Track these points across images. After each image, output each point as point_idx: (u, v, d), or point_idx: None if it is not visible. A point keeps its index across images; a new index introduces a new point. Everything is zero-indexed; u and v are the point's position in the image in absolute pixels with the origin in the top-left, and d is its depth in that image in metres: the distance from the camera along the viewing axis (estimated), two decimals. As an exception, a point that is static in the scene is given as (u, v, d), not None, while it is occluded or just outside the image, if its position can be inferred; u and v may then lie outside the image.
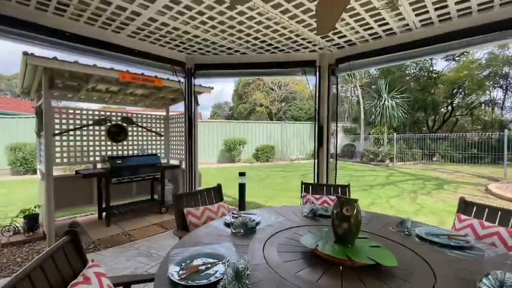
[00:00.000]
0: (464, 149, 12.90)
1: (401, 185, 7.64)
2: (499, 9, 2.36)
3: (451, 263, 1.30)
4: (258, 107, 25.75)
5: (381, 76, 17.01)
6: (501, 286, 1.04)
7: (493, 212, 1.90)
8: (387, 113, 12.31)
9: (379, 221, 1.95)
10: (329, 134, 3.67)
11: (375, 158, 12.56)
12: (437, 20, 2.62)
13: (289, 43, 3.27)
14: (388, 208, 5.46)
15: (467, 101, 19.69)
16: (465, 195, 6.42)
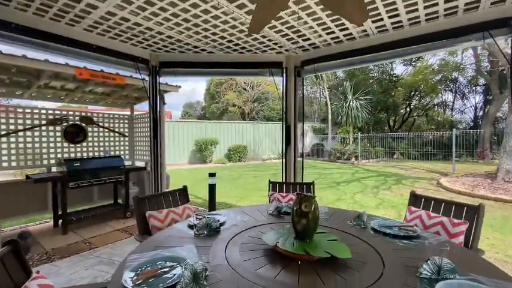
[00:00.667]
0: (421, 146, 14.07)
1: (365, 181, 8.11)
2: (443, 19, 2.61)
3: (399, 251, 1.41)
4: (230, 107, 25.64)
5: (346, 79, 17.90)
6: (439, 270, 1.15)
7: (438, 203, 2.10)
8: (352, 114, 13.00)
9: (339, 216, 2.05)
10: (296, 133, 3.78)
11: (342, 156, 13.19)
12: (391, 28, 2.82)
13: (256, 44, 3.30)
14: (353, 203, 5.76)
15: (423, 103, 21.50)
16: (420, 189, 7.01)
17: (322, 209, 2.26)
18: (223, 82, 27.22)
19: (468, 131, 14.44)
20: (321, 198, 6.24)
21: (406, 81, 17.92)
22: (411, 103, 21.21)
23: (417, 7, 2.39)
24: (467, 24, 2.52)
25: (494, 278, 1.13)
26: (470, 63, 16.59)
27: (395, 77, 19.94)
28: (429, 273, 1.14)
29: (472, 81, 17.09)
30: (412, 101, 21.14)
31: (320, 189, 7.21)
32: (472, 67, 16.38)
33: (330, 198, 6.27)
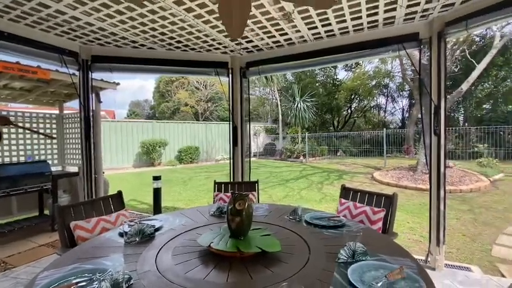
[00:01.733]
0: (360, 144, 15.62)
1: (311, 178, 8.67)
2: (367, 31, 2.94)
3: (325, 240, 1.54)
4: (182, 106, 24.67)
5: (295, 81, 18.87)
6: (353, 254, 1.29)
7: (363, 195, 2.36)
8: (300, 115, 13.76)
9: (278, 212, 2.15)
10: (243, 134, 3.83)
11: (292, 155, 13.85)
12: (325, 36, 3.07)
13: (199, 42, 3.24)
14: (299, 199, 6.09)
15: (362, 105, 23.95)
16: (358, 182, 7.77)
17: (263, 206, 2.35)
18: (174, 80, 26.05)
19: (397, 130, 16.55)
20: (270, 195, 6.46)
21: (347, 86, 19.69)
22: (352, 105, 23.43)
23: (345, 18, 2.64)
24: (386, 36, 2.88)
25: (396, 256, 1.32)
26: (398, 71, 19.05)
27: (338, 81, 21.76)
28: (345, 258, 1.27)
29: (399, 87, 19.61)
30: (352, 103, 23.35)
31: (270, 187, 7.45)
32: (399, 74, 18.85)
33: (278, 195, 6.51)
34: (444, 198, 2.68)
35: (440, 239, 2.66)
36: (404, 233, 3.96)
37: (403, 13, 2.55)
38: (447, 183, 6.64)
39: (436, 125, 2.65)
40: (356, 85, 19.02)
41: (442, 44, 2.58)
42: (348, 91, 20.24)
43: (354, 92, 21.04)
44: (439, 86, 2.63)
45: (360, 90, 19.98)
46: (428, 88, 2.74)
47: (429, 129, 2.76)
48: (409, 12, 2.53)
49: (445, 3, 2.38)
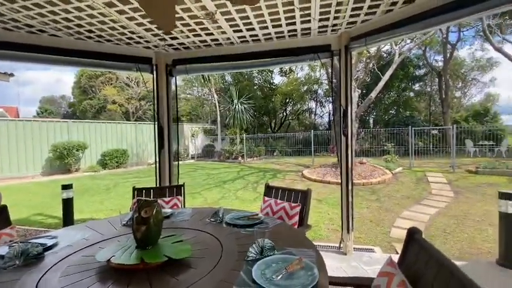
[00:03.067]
0: (294, 144, 16.75)
1: (248, 178, 8.86)
2: (288, 39, 3.15)
3: (240, 239, 1.56)
4: (109, 104, 22.06)
5: (233, 83, 19.06)
6: (262, 250, 1.34)
7: (283, 191, 2.50)
8: (238, 116, 13.95)
9: (201, 215, 2.09)
10: (170, 135, 3.63)
11: (230, 156, 13.92)
12: (251, 40, 3.16)
13: (115, 34, 2.93)
14: (234, 199, 6.14)
15: (295, 108, 25.83)
16: (289, 180, 8.28)
17: (185, 211, 2.25)
18: (100, 75, 23.14)
19: (325, 131, 18.41)
20: (206, 198, 6.32)
21: (282, 90, 20.89)
22: (287, 108, 25.04)
23: (267, 25, 2.77)
24: (304, 45, 3.14)
25: (302, 247, 1.43)
26: (325, 78, 21.23)
27: (274, 85, 22.93)
28: (254, 255, 1.31)
29: (326, 93, 21.83)
30: (287, 106, 24.95)
31: (207, 190, 7.30)
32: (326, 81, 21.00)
33: (214, 197, 6.43)
34: (352, 191, 3.07)
35: (350, 226, 3.04)
36: (325, 223, 4.39)
37: (317, 26, 2.82)
38: (361, 177, 7.66)
39: (345, 127, 3.01)
40: (290, 90, 20.33)
41: (349, 56, 2.96)
42: (283, 95, 21.51)
43: (288, 96, 22.49)
44: (347, 92, 3.00)
45: (293, 95, 21.42)
46: (339, 94, 3.09)
47: (340, 130, 3.11)
48: (322, 25, 2.81)
49: (349, 21, 2.73)
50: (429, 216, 4.62)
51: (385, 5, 2.43)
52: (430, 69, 19.99)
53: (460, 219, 4.40)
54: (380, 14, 2.60)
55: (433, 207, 5.16)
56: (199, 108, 22.78)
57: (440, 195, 6.04)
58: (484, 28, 12.35)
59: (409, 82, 19.97)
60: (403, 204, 5.45)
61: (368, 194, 6.35)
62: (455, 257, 3.17)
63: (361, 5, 2.41)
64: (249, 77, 20.63)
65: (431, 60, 20.45)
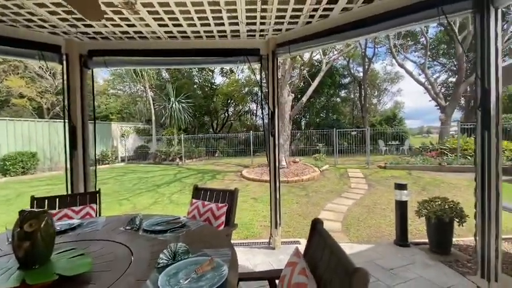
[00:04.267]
0: (237, 145, 16.89)
1: (185, 180, 8.53)
2: (219, 39, 3.15)
3: (155, 246, 1.47)
4: (14, 98, 18.21)
5: (170, 80, 18.09)
6: (174, 255, 1.29)
7: (211, 192, 2.47)
8: (176, 116, 13.30)
9: (116, 224, 1.90)
10: (86, 135, 3.20)
11: (167, 157, 13.16)
12: (179, 36, 3.04)
13: (7, 13, 2.43)
14: (168, 204, 5.82)
15: (237, 109, 26.12)
16: (228, 180, 8.31)
17: (97, 220, 2.01)
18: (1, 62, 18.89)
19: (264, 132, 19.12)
20: (134, 205, 5.82)
21: (223, 90, 20.83)
22: (229, 109, 25.12)
23: (195, 23, 2.71)
24: (235, 47, 3.18)
25: (219, 247, 1.43)
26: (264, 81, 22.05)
27: (216, 85, 22.70)
28: (166, 261, 1.25)
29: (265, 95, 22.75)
30: (229, 107, 25.06)
31: (137, 195, 6.71)
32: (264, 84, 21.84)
33: (145, 203, 5.97)
34: (279, 188, 3.24)
35: (277, 222, 3.21)
36: (259, 221, 4.54)
37: (245, 29, 2.89)
38: (294, 175, 8.19)
39: (272, 128, 3.17)
40: (231, 91, 20.44)
41: (275, 61, 3.13)
42: (225, 96, 21.48)
43: (230, 97, 22.60)
44: (274, 95, 3.17)
45: (235, 96, 21.60)
46: (267, 96, 3.24)
47: (268, 131, 3.25)
48: (250, 29, 2.90)
49: (275, 28, 2.89)
50: (347, 207, 5.25)
51: (305, 17, 2.66)
52: (353, 78, 22.87)
53: (371, 208, 5.14)
54: (301, 24, 2.82)
55: (351, 199, 5.90)
56: (131, 106, 20.85)
57: (357, 188, 6.94)
58: (391, 46, 14.73)
59: (336, 89, 22.38)
60: (327, 198, 6.06)
61: (299, 190, 6.84)
62: (365, 240, 3.67)
63: (283, 14, 2.57)
64: (189, 75, 19.91)
65: (354, 70, 23.41)
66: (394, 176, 8.15)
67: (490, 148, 1.92)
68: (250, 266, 2.80)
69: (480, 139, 1.97)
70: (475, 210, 2.08)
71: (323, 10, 2.52)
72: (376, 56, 21.99)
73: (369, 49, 20.98)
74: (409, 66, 25.91)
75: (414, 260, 2.81)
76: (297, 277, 1.12)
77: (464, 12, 2.06)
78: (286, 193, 6.63)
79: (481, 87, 1.94)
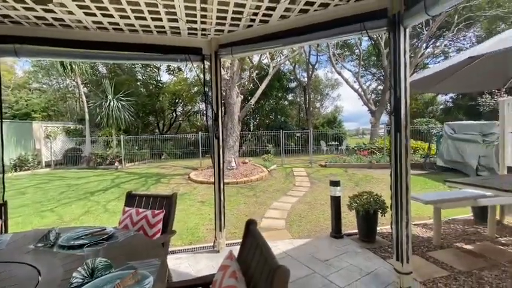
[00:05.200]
0: (186, 146, 16.23)
1: (125, 186, 7.82)
2: (157, 35, 2.97)
3: (70, 264, 1.29)
4: None
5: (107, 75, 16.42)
6: (93, 272, 1.15)
7: (147, 199, 2.31)
8: (114, 115, 12.09)
9: (24, 241, 1.61)
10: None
11: (104, 161, 11.89)
12: (111, 28, 2.76)
13: None
14: (103, 213, 5.26)
15: (186, 110, 25.17)
16: (175, 184, 7.92)
17: (2, 238, 1.69)
18: None
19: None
20: (61, 216, 5.10)
21: (170, 89, 19.82)
22: (177, 109, 24.03)
23: (128, 15, 2.49)
24: (176, 45, 3.03)
25: (147, 258, 1.33)
26: (214, 82, 21.74)
27: (162, 83, 21.49)
28: (82, 279, 1.11)
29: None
30: (177, 107, 23.98)
31: (64, 205, 5.88)
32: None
33: (75, 213, 5.27)
34: (223, 190, 3.21)
35: (222, 224, 3.17)
36: (205, 224, 4.44)
37: (186, 27, 2.79)
38: (243, 176, 8.26)
39: (216, 130, 3.13)
40: (179, 89, 19.59)
41: (218, 61, 3.10)
42: (172, 94, 20.48)
43: (178, 97, 21.66)
44: (217, 96, 3.13)
45: (183, 95, 20.76)
46: (210, 98, 3.18)
47: (212, 133, 3.20)
48: (191, 27, 2.80)
49: (217, 28, 2.86)
50: (291, 205, 5.53)
51: (246, 20, 2.69)
52: (298, 83, 24.26)
53: (312, 204, 5.50)
54: (243, 27, 2.85)
55: (295, 196, 6.22)
56: (60, 103, 18.25)
57: (301, 186, 7.37)
58: (330, 55, 16.10)
59: (284, 92, 23.43)
60: (274, 196, 6.28)
61: (247, 191, 6.93)
62: (305, 235, 3.90)
63: (224, 15, 2.56)
64: (130, 71, 18.38)
65: (299, 76, 24.83)
66: (333, 174, 8.91)
67: (401, 148, 2.23)
68: (193, 272, 2.70)
69: (393, 140, 2.27)
70: (391, 201, 2.39)
71: (263, 15, 2.59)
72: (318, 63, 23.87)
73: (313, 56, 22.56)
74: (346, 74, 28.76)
75: (346, 250, 3.10)
76: (228, 280, 1.11)
77: (381, 29, 2.36)
78: (235, 194, 6.63)
79: (394, 95, 2.25)
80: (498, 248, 3.05)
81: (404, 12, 2.16)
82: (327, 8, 2.47)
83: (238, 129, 9.72)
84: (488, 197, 3.22)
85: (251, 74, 15.93)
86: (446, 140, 8.80)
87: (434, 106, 22.39)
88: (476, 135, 7.72)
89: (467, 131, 8.17)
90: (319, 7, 2.46)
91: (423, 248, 3.13)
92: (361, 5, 2.38)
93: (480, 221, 3.82)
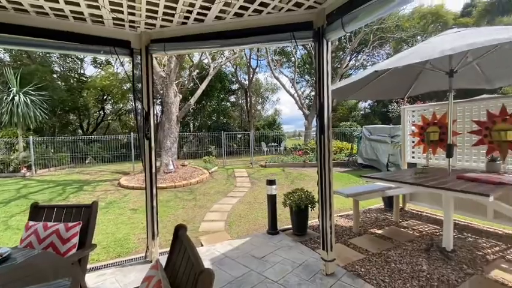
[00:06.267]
0: (117, 149, 14.59)
1: (36, 197, 6.57)
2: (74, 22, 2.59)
3: None
4: None
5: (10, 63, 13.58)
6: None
7: (59, 210, 1.99)
8: (20, 112, 10.01)
9: None
10: None
11: (6, 168, 9.73)
12: (11, 8, 2.29)
13: None
14: (3, 231, 4.30)
15: (117, 108, 22.71)
16: (101, 191, 7.06)
17: None
18: None
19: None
20: None
21: (97, 84, 17.56)
22: (105, 107, 21.46)
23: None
24: (97, 35, 2.70)
25: (55, 280, 1.14)
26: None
27: (86, 77, 18.93)
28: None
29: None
30: (106, 104, 21.43)
31: None
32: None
33: (-42, 235, 4.16)
34: (156, 195, 3.01)
35: (154, 232, 2.96)
36: (137, 234, 4.07)
37: (111, 16, 2.52)
38: (182, 179, 7.91)
39: (147, 130, 2.91)
40: (108, 85, 17.52)
41: (149, 57, 2.89)
42: (99, 90, 18.21)
43: (107, 93, 19.40)
44: (149, 94, 2.92)
45: (113, 92, 18.68)
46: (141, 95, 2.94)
47: (143, 133, 2.96)
48: (117, 17, 2.54)
49: (148, 22, 2.66)
50: (231, 206, 5.55)
51: (180, 17, 2.59)
52: (240, 85, 24.61)
53: (251, 204, 5.64)
54: (177, 24, 2.73)
55: (236, 197, 6.28)
56: None
57: (242, 186, 7.48)
58: (269, 61, 16.85)
59: (226, 94, 23.43)
60: (214, 199, 6.20)
61: (186, 194, 6.66)
62: (244, 235, 3.96)
63: (155, 9, 2.41)
64: (42, 60, 15.60)
65: (241, 78, 25.22)
66: (272, 173, 9.32)
67: (324, 148, 2.48)
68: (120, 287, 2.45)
69: (318, 141, 2.51)
70: (318, 196, 2.63)
71: (198, 14, 2.54)
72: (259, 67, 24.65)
73: (254, 60, 23.23)
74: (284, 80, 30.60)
75: (281, 245, 3.27)
76: (151, 292, 1.04)
77: (308, 40, 2.57)
78: (173, 198, 6.30)
79: (318, 101, 2.48)
80: (401, 231, 3.68)
81: (327, 26, 2.41)
82: (261, 15, 2.57)
83: (176, 130, 9.26)
84: (394, 188, 3.85)
85: (191, 73, 15.43)
86: (365, 141, 10.21)
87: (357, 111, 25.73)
88: (386, 136, 9.18)
89: (380, 133, 9.64)
90: (253, 12, 2.53)
91: (346, 236, 3.54)
92: (291, 15, 2.55)
93: (389, 208, 4.54)
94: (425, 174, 3.21)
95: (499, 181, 2.55)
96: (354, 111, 25.74)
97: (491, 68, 3.37)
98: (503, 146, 3.35)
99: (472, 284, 2.38)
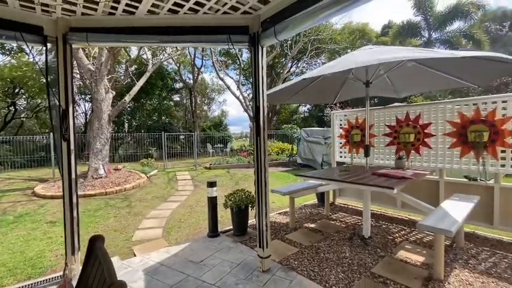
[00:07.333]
0: (32, 152, 12.36)
1: None
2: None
3: None
4: None
5: None
6: None
7: None
8: None
9: None
10: None
11: None
12: None
13: None
14: None
15: (32, 104, 19.28)
16: (9, 203, 5.90)
17: None
18: None
19: (80, 135, 15.37)
20: None
21: (5, 74, 14.60)
22: (17, 102, 18.00)
23: None
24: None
25: None
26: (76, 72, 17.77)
27: (-12, 65, 15.60)
28: None
29: (80, 89, 18.36)
30: (18, 99, 18.01)
31: None
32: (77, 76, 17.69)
33: None
34: (77, 205, 2.67)
35: (75, 247, 2.61)
36: (54, 250, 3.52)
37: (15, -5, 2.13)
38: (114, 184, 7.19)
39: (65, 131, 2.56)
40: (20, 76, 14.74)
41: (68, 47, 2.54)
42: (8, 82, 15.19)
43: (19, 86, 16.33)
44: (67, 90, 2.56)
45: (28, 85, 15.82)
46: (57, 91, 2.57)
47: (59, 134, 2.59)
48: (23, -3, 2.17)
49: (66, 7, 2.34)
50: (171, 211, 5.28)
51: (106, 6, 2.35)
52: (184, 85, 23.69)
53: (193, 208, 5.47)
54: (102, 13, 2.48)
55: (176, 201, 6.00)
56: None
57: (184, 190, 7.19)
58: (213, 61, 16.69)
59: (168, 93, 22.23)
60: (152, 205, 5.80)
61: (119, 202, 6.07)
62: (183, 240, 3.81)
63: (74, -6, 2.14)
64: None
65: (185, 77, 24.31)
66: (217, 175, 9.23)
67: (261, 149, 2.58)
68: (26, 316, 2.08)
69: (255, 143, 2.59)
70: (255, 196, 2.71)
71: (127, 5, 2.34)
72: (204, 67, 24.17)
73: (198, 60, 22.64)
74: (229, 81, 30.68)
75: (221, 247, 3.26)
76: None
77: (245, 44, 2.64)
78: (103, 207, 5.66)
79: (255, 104, 2.57)
80: (330, 223, 4.07)
81: (261, 33, 2.51)
82: (197, 14, 2.53)
83: (108, 130, 8.36)
84: (324, 185, 4.24)
85: (128, 68, 14.16)
86: (303, 142, 10.98)
87: (298, 115, 27.51)
88: (321, 138, 10.07)
89: (316, 135, 10.51)
90: (188, 11, 2.47)
91: (282, 232, 3.74)
92: (228, 18, 2.58)
93: (321, 204, 4.98)
94: (348, 171, 3.63)
95: (402, 176, 3.05)
96: (295, 115, 27.45)
97: (398, 80, 4.01)
98: (407, 146, 4.04)
99: (383, 264, 2.79)
